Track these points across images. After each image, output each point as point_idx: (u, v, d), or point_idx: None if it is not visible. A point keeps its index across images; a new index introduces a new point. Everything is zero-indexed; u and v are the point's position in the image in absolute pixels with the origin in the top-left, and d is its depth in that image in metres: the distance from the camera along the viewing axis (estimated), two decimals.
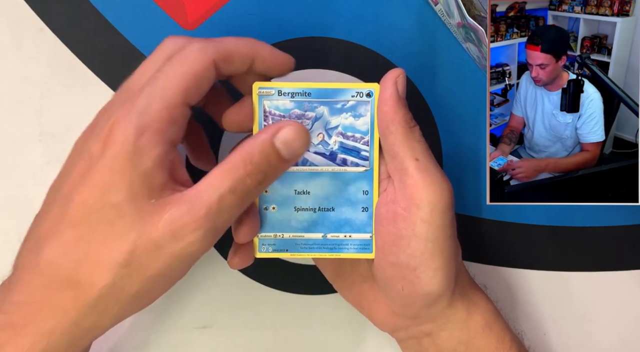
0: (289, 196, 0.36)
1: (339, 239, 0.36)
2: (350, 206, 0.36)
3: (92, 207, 0.30)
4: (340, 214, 0.36)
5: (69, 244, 0.30)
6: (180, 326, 0.42)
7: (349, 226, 0.36)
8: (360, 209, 0.36)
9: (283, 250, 0.36)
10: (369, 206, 0.36)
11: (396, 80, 0.34)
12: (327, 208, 0.36)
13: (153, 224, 0.30)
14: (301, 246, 0.36)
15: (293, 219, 0.36)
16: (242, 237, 0.35)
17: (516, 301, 0.43)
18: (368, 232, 0.36)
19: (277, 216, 0.36)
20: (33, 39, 0.41)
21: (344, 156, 0.35)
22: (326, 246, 0.36)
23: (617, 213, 0.43)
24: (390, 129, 0.34)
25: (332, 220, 0.36)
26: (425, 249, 0.34)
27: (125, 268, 0.30)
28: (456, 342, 0.36)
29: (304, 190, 0.36)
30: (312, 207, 0.36)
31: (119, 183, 0.30)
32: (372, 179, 0.36)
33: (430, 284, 0.34)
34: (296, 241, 0.36)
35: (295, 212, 0.36)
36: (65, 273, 0.30)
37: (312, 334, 0.43)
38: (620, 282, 0.43)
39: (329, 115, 0.35)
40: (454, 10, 0.39)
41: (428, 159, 0.34)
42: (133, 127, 0.30)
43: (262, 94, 0.35)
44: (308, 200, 0.36)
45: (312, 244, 0.36)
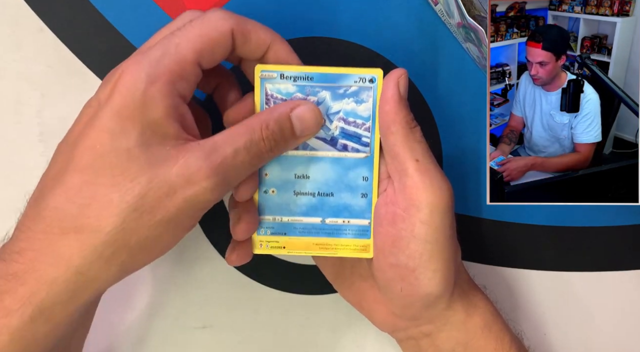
0: (288, 179, 0.36)
1: (337, 225, 0.36)
2: (349, 191, 0.36)
3: (99, 151, 0.29)
4: (339, 200, 0.36)
5: (74, 189, 0.29)
6: (180, 326, 0.42)
7: (347, 211, 0.36)
8: (360, 195, 0.36)
9: (281, 233, 0.36)
10: (368, 192, 0.36)
11: (398, 80, 0.34)
12: (326, 193, 0.36)
13: (167, 168, 0.30)
14: (299, 230, 0.36)
15: (292, 203, 0.36)
16: (240, 235, 0.35)
17: (516, 301, 0.43)
18: (367, 218, 0.36)
19: (276, 200, 0.36)
20: (33, 39, 0.41)
21: (345, 142, 0.35)
22: (324, 230, 0.36)
23: (617, 213, 0.43)
24: (391, 130, 0.34)
25: (331, 205, 0.36)
26: (424, 251, 0.34)
27: (135, 211, 0.29)
28: (455, 343, 0.36)
29: (303, 174, 0.36)
30: (312, 191, 0.36)
31: (130, 129, 0.29)
32: (372, 165, 0.36)
33: (429, 286, 0.34)
34: (294, 225, 0.36)
35: (295, 197, 0.36)
36: (69, 218, 0.29)
37: (312, 334, 0.43)
38: (620, 282, 0.43)
39: (331, 100, 0.35)
40: (454, 10, 0.39)
41: (428, 160, 0.34)
42: (144, 74, 0.30)
43: (265, 77, 0.35)
44: (307, 185, 0.36)
45: (310, 229, 0.36)
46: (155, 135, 0.30)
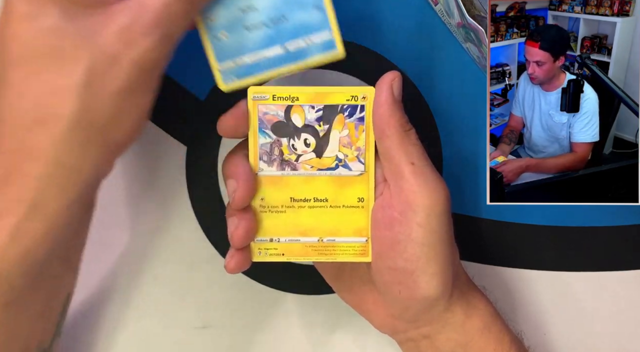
0: (235, 17, 0.33)
1: (301, 48, 0.34)
2: (302, 9, 0.33)
3: (27, 39, 0.28)
4: (295, 21, 0.33)
5: (19, 84, 0.29)
6: (180, 326, 0.42)
7: (305, 29, 0.34)
8: (312, 8, 0.33)
9: (248, 74, 0.34)
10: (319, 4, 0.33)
11: (391, 83, 0.34)
12: (277, 18, 0.34)
13: (102, 37, 0.28)
14: (264, 65, 0.34)
15: (247, 40, 0.34)
16: (238, 242, 0.35)
17: (516, 301, 0.43)
18: (326, 28, 0.33)
19: (230, 42, 0.34)
20: None
21: None
22: (290, 58, 0.34)
23: (617, 213, 0.43)
24: (385, 133, 0.34)
25: (288, 29, 0.34)
26: (422, 254, 0.33)
27: (88, 87, 0.28)
28: (454, 345, 0.36)
29: (249, 5, 0.33)
30: (263, 21, 0.33)
31: (46, 6, 0.28)
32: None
33: (427, 289, 0.34)
34: (258, 63, 0.34)
35: (248, 32, 0.34)
36: (29, 113, 0.28)
37: (312, 334, 0.43)
38: (620, 282, 0.43)
39: None
40: (454, 10, 0.39)
41: (424, 162, 0.34)
42: None
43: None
44: (256, 16, 0.33)
45: (274, 60, 0.34)
46: (75, 5, 0.29)
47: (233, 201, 0.34)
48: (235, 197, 0.34)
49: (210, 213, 0.42)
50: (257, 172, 0.35)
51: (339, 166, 0.35)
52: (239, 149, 0.36)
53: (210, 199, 0.42)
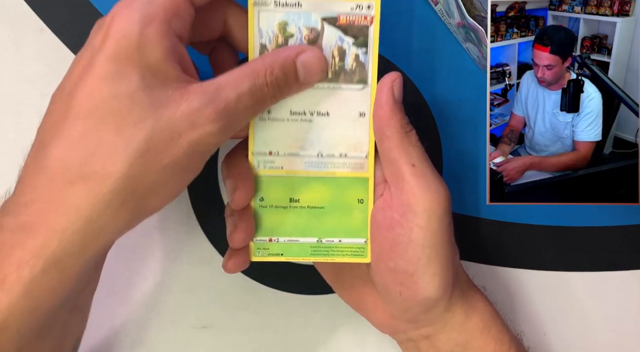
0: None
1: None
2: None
3: (100, 98, 0.29)
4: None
5: (77, 138, 0.29)
6: (180, 326, 0.42)
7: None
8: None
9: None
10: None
11: (392, 84, 0.34)
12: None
13: (171, 112, 0.29)
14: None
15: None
16: (237, 243, 0.35)
17: (516, 301, 0.43)
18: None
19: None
20: (33, 39, 0.41)
21: None
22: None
23: (617, 213, 0.43)
24: (386, 134, 0.34)
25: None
26: (422, 255, 0.33)
27: (142, 157, 0.28)
28: (454, 345, 0.36)
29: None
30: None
31: (129, 73, 0.29)
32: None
33: (427, 290, 0.34)
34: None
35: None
36: (75, 167, 0.28)
37: (312, 334, 0.43)
38: (620, 282, 0.43)
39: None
40: (454, 10, 0.39)
41: (424, 164, 0.34)
42: (138, 15, 0.29)
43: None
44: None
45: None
46: (156, 78, 0.29)
47: (232, 200, 0.34)
48: (234, 197, 0.34)
49: (210, 213, 0.42)
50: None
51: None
52: (238, 149, 0.36)
53: (210, 199, 0.42)
